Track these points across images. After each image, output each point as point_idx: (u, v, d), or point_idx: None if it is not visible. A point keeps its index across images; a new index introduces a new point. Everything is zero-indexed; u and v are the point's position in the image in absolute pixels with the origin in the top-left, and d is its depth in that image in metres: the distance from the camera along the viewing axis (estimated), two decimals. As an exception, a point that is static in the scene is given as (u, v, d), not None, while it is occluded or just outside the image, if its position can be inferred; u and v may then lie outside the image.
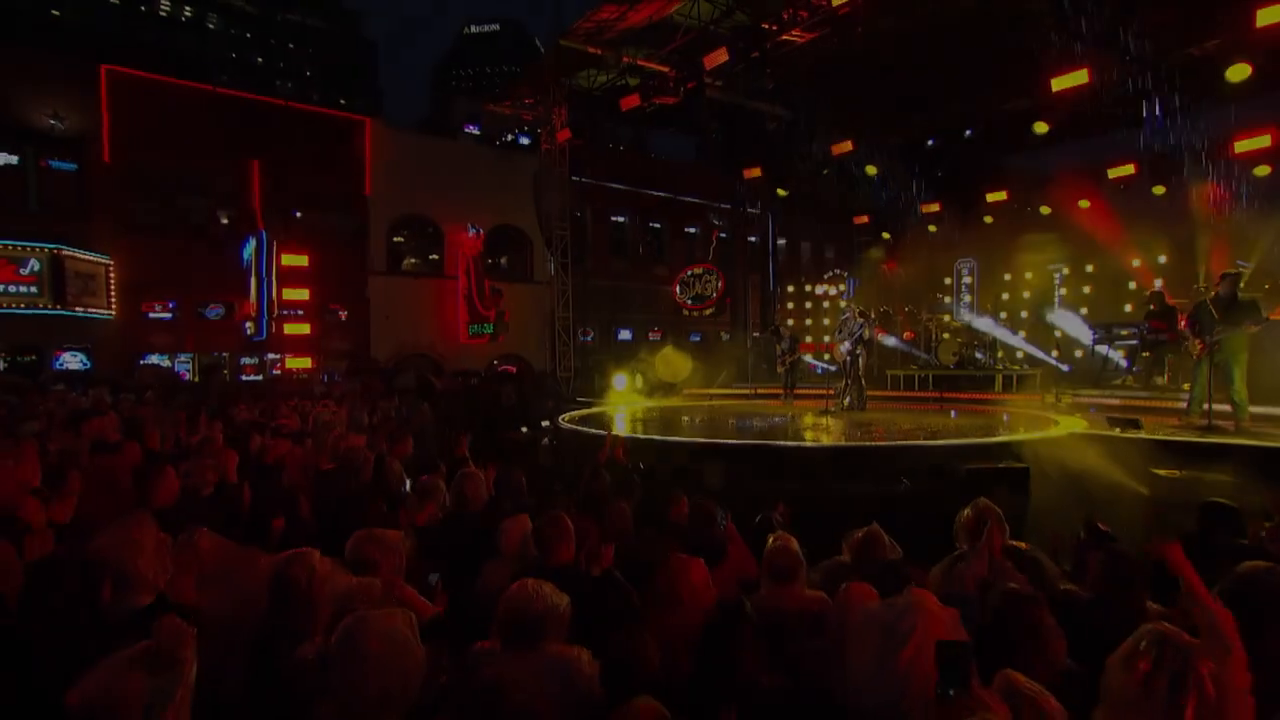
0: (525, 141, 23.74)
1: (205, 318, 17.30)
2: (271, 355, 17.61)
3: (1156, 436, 6.85)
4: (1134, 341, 10.80)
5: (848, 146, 13.39)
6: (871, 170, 13.72)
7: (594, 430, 9.10)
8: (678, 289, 22.74)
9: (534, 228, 20.86)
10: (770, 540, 3.55)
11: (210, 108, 16.97)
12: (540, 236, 20.91)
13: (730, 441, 7.67)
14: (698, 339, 25.45)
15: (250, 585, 3.47)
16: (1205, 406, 7.34)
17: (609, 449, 5.54)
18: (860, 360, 10.55)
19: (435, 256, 20.32)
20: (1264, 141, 11.10)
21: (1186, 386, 9.79)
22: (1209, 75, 9.30)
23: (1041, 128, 11.10)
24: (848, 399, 10.88)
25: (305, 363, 16.22)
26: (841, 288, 19.19)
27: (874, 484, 6.53)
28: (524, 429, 10.37)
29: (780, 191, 16.05)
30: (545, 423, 10.72)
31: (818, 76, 11.47)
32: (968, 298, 16.83)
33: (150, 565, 3.10)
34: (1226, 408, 7.56)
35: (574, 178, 16.00)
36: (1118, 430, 7.13)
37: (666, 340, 24.60)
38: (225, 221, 17.76)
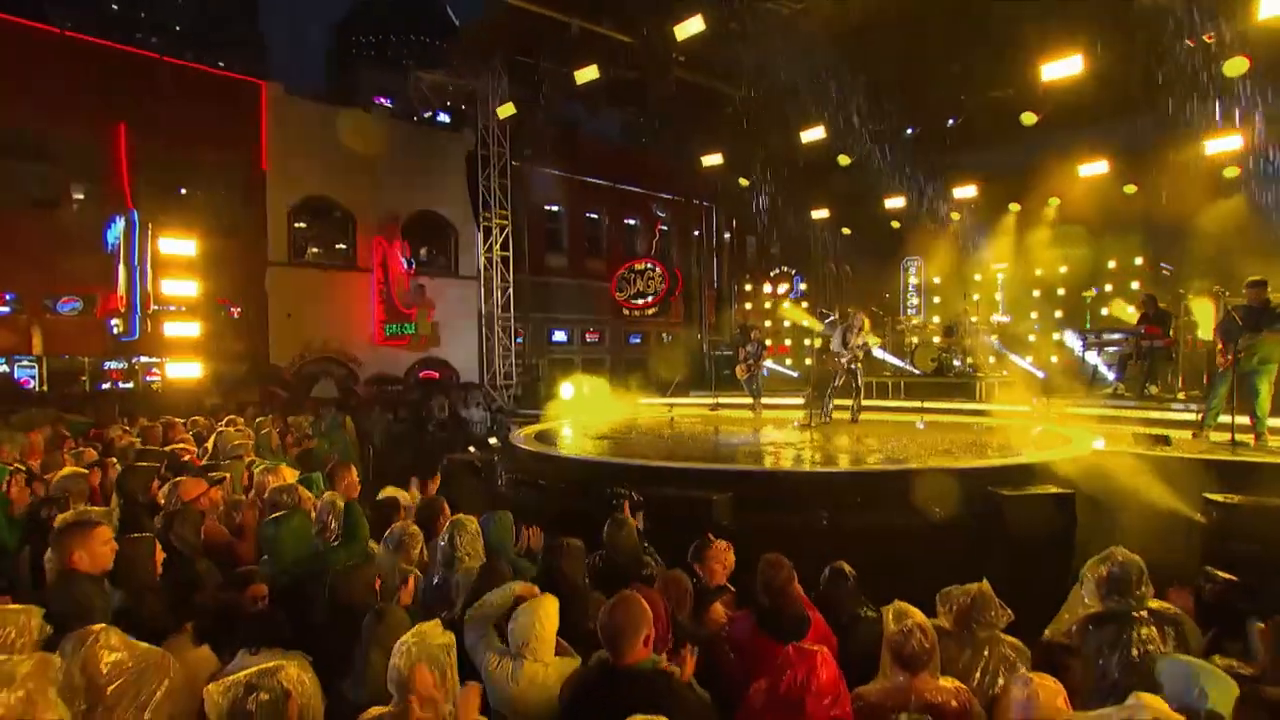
0: (445, 119, 22.35)
1: (56, 313, 15.21)
2: (145, 359, 15.73)
3: (1199, 455, 6.75)
4: (1120, 349, 10.98)
5: (820, 133, 13.13)
6: (845, 160, 13.53)
7: (561, 453, 8.30)
8: (616, 286, 22.19)
9: (459, 215, 19.76)
10: (890, 616, 2.99)
11: (57, 56, 14.87)
12: (466, 225, 19.84)
13: (737, 468, 7.09)
14: (638, 340, 24.92)
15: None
16: (1229, 420, 7.36)
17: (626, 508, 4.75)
18: (859, 374, 10.25)
19: (344, 246, 18.82)
20: (1235, 142, 11.55)
21: (1183, 396, 10.06)
22: (1202, 69, 9.52)
23: (1029, 118, 11.16)
24: (825, 413, 10.58)
25: (193, 368, 14.47)
26: (803, 287, 19.10)
27: (902, 514, 6.09)
28: (471, 449, 9.44)
29: (742, 181, 15.71)
30: (493, 440, 9.84)
31: (796, 54, 11.09)
32: (936, 299, 17.04)
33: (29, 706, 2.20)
34: (1242, 420, 7.64)
35: (514, 161, 15.09)
36: (1145, 447, 7.02)
37: (604, 342, 23.97)
38: (80, 196, 15.72)
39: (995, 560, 5.80)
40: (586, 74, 11.72)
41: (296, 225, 18.14)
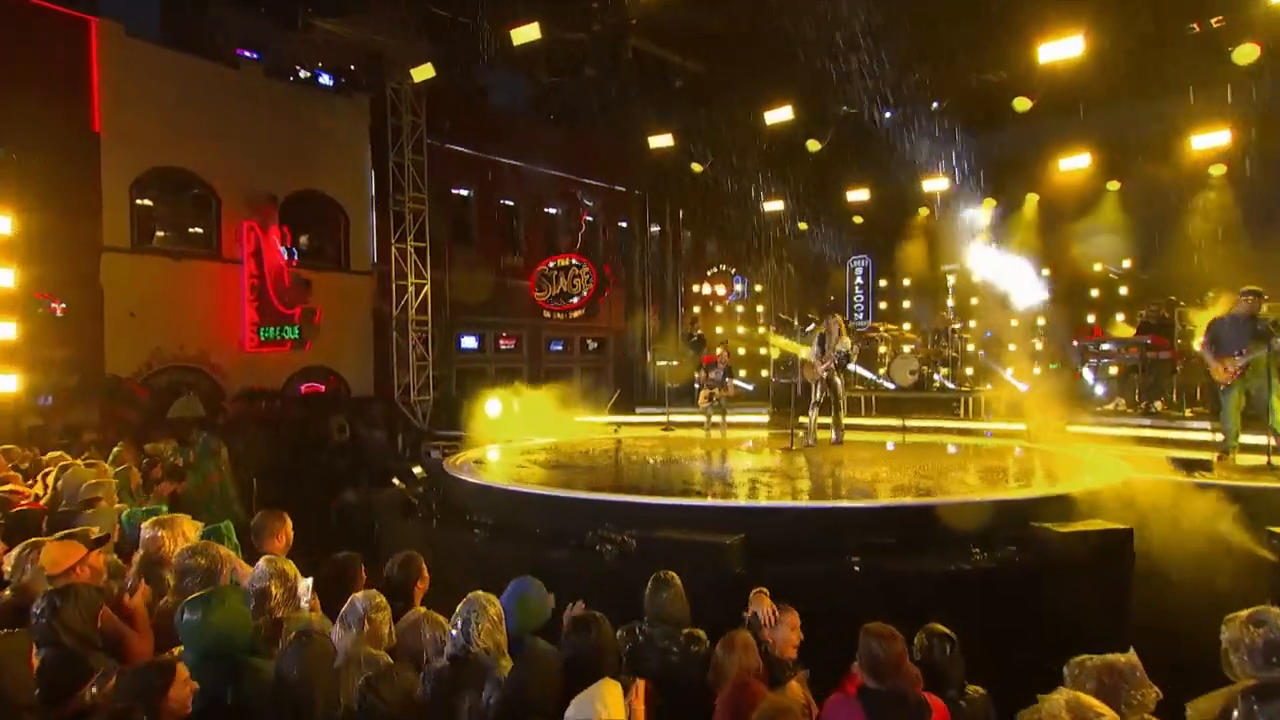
0: (327, 81, 21.04)
1: None
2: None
3: (1252, 483, 6.91)
4: (1117, 360, 11.40)
5: (787, 114, 13.07)
6: (814, 145, 13.53)
7: (520, 488, 7.67)
8: (536, 284, 21.53)
9: (351, 197, 18.66)
10: (1062, 709, 2.68)
11: None
12: (360, 209, 18.77)
13: (747, 503, 6.73)
14: (560, 348, 24.32)
15: None
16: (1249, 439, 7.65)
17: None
18: (840, 385, 10.17)
19: (203, 229, 17.28)
20: (1223, 138, 12.23)
21: (1190, 413, 10.52)
22: (1210, 56, 10.01)
23: (1023, 104, 11.44)
24: (805, 434, 10.48)
25: (7, 381, 12.68)
26: (758, 288, 19.11)
27: (944, 556, 5.90)
28: (396, 481, 8.70)
29: (696, 167, 15.50)
30: (418, 470, 9.12)
31: (767, 22, 10.99)
32: (906, 303, 17.36)
33: None
34: (1262, 440, 7.98)
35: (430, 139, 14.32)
36: (1184, 473, 7.15)
37: (521, 349, 23.27)
38: None
39: (1042, 607, 5.70)
40: (526, 33, 11.13)
41: (141, 202, 16.46)
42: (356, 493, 11.18)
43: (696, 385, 12.54)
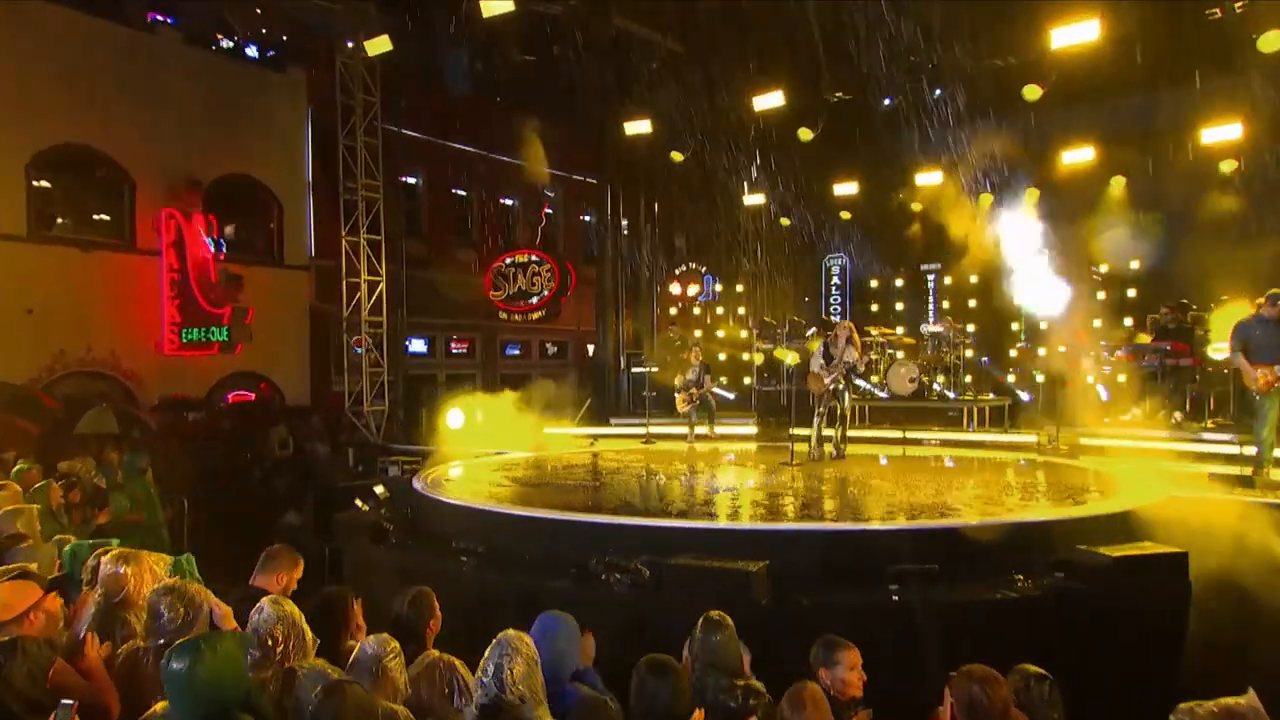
0: (252, 53, 20.35)
1: None
2: None
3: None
4: (1130, 368, 11.61)
5: (777, 99, 13.04)
6: (806, 134, 13.51)
7: (509, 510, 7.40)
8: (491, 283, 21.21)
9: (286, 183, 18.12)
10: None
11: None
12: (296, 198, 18.26)
13: (773, 527, 6.58)
14: (516, 352, 23.95)
15: None
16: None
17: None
18: (846, 397, 10.18)
19: (112, 216, 16.53)
20: (1234, 131, 12.57)
21: (1212, 424, 10.73)
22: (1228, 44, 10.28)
23: (1033, 93, 11.61)
24: (809, 447, 10.45)
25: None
26: (717, 288, 19.13)
27: (980, 586, 5.81)
28: (358, 501, 8.37)
29: (676, 156, 15.39)
30: (379, 489, 8.78)
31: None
32: (899, 305, 17.52)
33: None
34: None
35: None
36: (1227, 490, 7.25)
37: (474, 353, 22.89)
38: None
39: (1095, 639, 5.65)
40: (497, 5, 10.84)
41: (39, 184, 15.67)
42: (299, 515, 10.80)
43: (677, 392, 12.61)
